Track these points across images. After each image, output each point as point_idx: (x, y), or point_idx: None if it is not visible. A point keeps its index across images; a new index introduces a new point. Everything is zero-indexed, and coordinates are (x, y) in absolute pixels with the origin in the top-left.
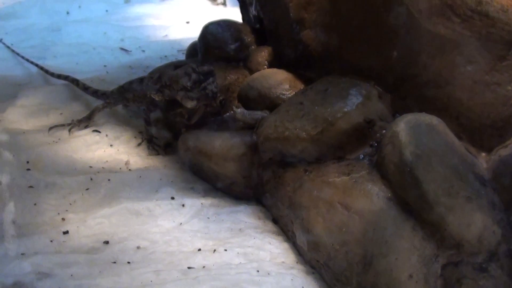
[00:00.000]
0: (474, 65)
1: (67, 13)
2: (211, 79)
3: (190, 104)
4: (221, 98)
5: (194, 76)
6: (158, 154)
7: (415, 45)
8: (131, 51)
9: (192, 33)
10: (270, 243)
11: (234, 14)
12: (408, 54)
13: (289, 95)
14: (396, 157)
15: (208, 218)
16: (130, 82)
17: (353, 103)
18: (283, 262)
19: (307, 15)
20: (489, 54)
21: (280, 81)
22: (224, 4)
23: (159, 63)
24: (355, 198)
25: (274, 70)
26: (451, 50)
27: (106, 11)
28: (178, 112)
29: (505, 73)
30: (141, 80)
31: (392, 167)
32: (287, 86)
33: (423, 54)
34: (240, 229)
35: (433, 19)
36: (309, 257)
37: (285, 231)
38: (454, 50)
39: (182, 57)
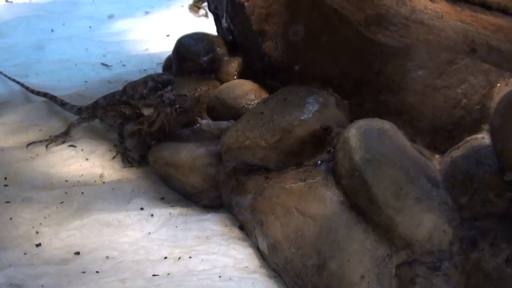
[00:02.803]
0: (425, 70)
1: (52, 30)
2: (169, 88)
3: (146, 111)
4: (177, 106)
5: (150, 84)
6: (132, 166)
7: (368, 53)
8: (111, 66)
9: (171, 46)
10: (235, 249)
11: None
12: (362, 61)
13: (254, 105)
14: (347, 162)
15: (176, 227)
16: (104, 97)
17: (310, 111)
18: (246, 267)
19: (268, 27)
20: (439, 59)
21: (245, 92)
22: (206, 16)
23: (138, 77)
24: (310, 203)
25: (241, 81)
26: (401, 56)
27: (90, 27)
28: (139, 121)
29: (454, 77)
30: (113, 94)
31: (343, 172)
32: (252, 97)
33: (376, 61)
34: (206, 237)
35: (370, 29)
36: (270, 261)
37: (249, 236)
38: (404, 56)
39: (160, 70)
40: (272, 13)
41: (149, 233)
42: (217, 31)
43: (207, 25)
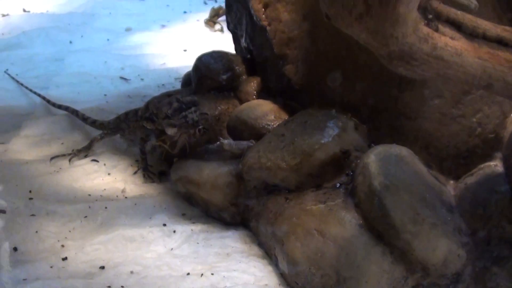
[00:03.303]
0: (441, 99)
1: (70, 42)
2: (193, 109)
3: (170, 131)
4: (201, 127)
5: (175, 104)
6: (153, 182)
7: (386, 80)
8: (130, 79)
9: (189, 61)
10: (255, 267)
11: (231, 40)
12: (381, 88)
13: (274, 126)
14: (366, 187)
15: (198, 243)
16: (126, 114)
17: (330, 135)
18: (266, 284)
19: (289, 51)
20: (455, 89)
21: (265, 112)
22: (221, 30)
23: (156, 92)
24: (330, 225)
25: (261, 101)
26: (419, 85)
27: (108, 40)
28: (161, 139)
29: (469, 107)
30: (135, 111)
31: (363, 196)
32: (272, 117)
33: (394, 88)
34: (227, 254)
35: (393, 63)
36: (290, 280)
37: (269, 255)
38: (422, 85)
39: (179, 85)
40: (293, 38)
41: (172, 249)
42: (235, 49)
43: (222, 40)
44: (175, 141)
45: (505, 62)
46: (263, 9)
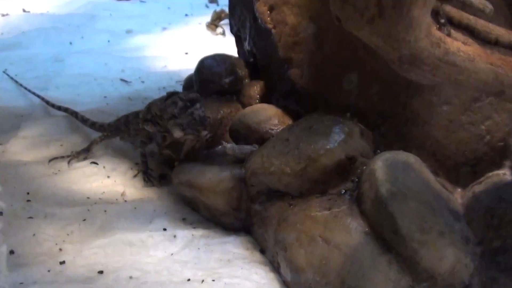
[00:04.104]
0: (450, 106)
1: (70, 43)
2: (197, 105)
3: (177, 134)
4: (208, 136)
5: (180, 103)
6: (153, 185)
7: (394, 86)
8: (131, 82)
9: (190, 64)
10: (256, 273)
11: (233, 44)
12: (388, 94)
13: (277, 130)
14: (372, 194)
15: (199, 248)
16: (126, 116)
17: (335, 140)
18: None
19: (294, 55)
20: (464, 96)
21: (269, 117)
22: (223, 34)
23: (157, 94)
24: (335, 232)
25: (264, 105)
26: (427, 91)
27: (108, 41)
28: (166, 144)
29: (478, 114)
30: (136, 114)
31: (369, 203)
32: (275, 122)
33: (402, 94)
34: (228, 260)
35: (404, 67)
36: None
37: (271, 261)
38: (430, 91)
39: (180, 88)
40: (299, 41)
41: (172, 254)
42: (238, 52)
43: (224, 43)
44: (181, 145)
45: None
46: (269, 12)
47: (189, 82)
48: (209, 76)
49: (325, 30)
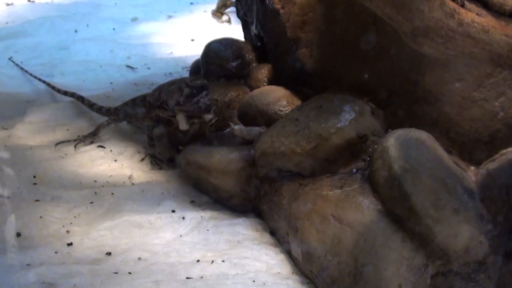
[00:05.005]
0: (462, 82)
1: (75, 31)
2: (204, 93)
3: (182, 126)
4: (214, 120)
5: (186, 90)
6: (160, 168)
7: (405, 63)
8: (137, 68)
9: (196, 50)
10: (266, 254)
11: (239, 31)
12: (399, 71)
13: (286, 112)
14: (385, 171)
15: (208, 230)
16: (133, 100)
17: (346, 119)
18: (279, 272)
19: (303, 35)
20: (477, 71)
21: (278, 98)
22: (229, 21)
23: (163, 80)
24: (347, 211)
25: (273, 87)
26: (439, 68)
27: (113, 29)
28: (174, 127)
29: (492, 90)
30: (143, 97)
31: (382, 181)
32: (284, 103)
33: (413, 71)
34: (238, 241)
35: (417, 40)
36: (304, 268)
37: (281, 242)
38: (442, 67)
39: (186, 74)
40: (308, 21)
41: (181, 235)
42: (245, 37)
43: (230, 31)
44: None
45: None
46: None
47: (196, 67)
48: (216, 60)
49: (334, 9)
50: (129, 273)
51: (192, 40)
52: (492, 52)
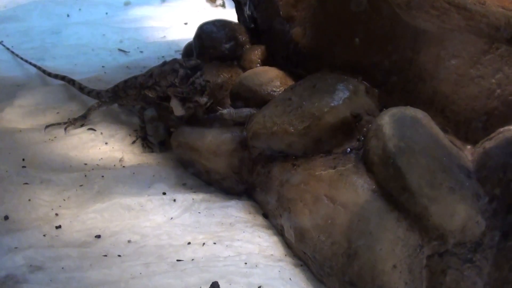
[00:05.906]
0: (458, 59)
1: (68, 15)
2: (198, 73)
3: (177, 112)
4: (208, 103)
5: (181, 71)
6: (152, 151)
7: (400, 41)
8: (129, 52)
9: (190, 34)
10: (259, 237)
11: (233, 15)
12: (394, 49)
13: (280, 92)
14: (380, 149)
15: (199, 212)
16: (125, 81)
17: (340, 98)
18: (271, 255)
19: (296, 13)
20: (473, 48)
21: (271, 78)
22: (223, 5)
23: (156, 63)
24: (340, 191)
25: (266, 67)
26: (435, 45)
27: (106, 13)
28: (167, 107)
29: (488, 67)
30: (135, 78)
31: (376, 160)
32: (277, 83)
33: (408, 49)
34: (230, 223)
35: (411, 12)
36: (297, 250)
37: (274, 225)
38: (438, 44)
39: (179, 57)
40: None
41: (172, 218)
42: (238, 19)
43: (224, 15)
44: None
45: None
46: None
47: (189, 50)
48: (209, 41)
49: None
50: (119, 255)
51: (186, 23)
52: (489, 25)
